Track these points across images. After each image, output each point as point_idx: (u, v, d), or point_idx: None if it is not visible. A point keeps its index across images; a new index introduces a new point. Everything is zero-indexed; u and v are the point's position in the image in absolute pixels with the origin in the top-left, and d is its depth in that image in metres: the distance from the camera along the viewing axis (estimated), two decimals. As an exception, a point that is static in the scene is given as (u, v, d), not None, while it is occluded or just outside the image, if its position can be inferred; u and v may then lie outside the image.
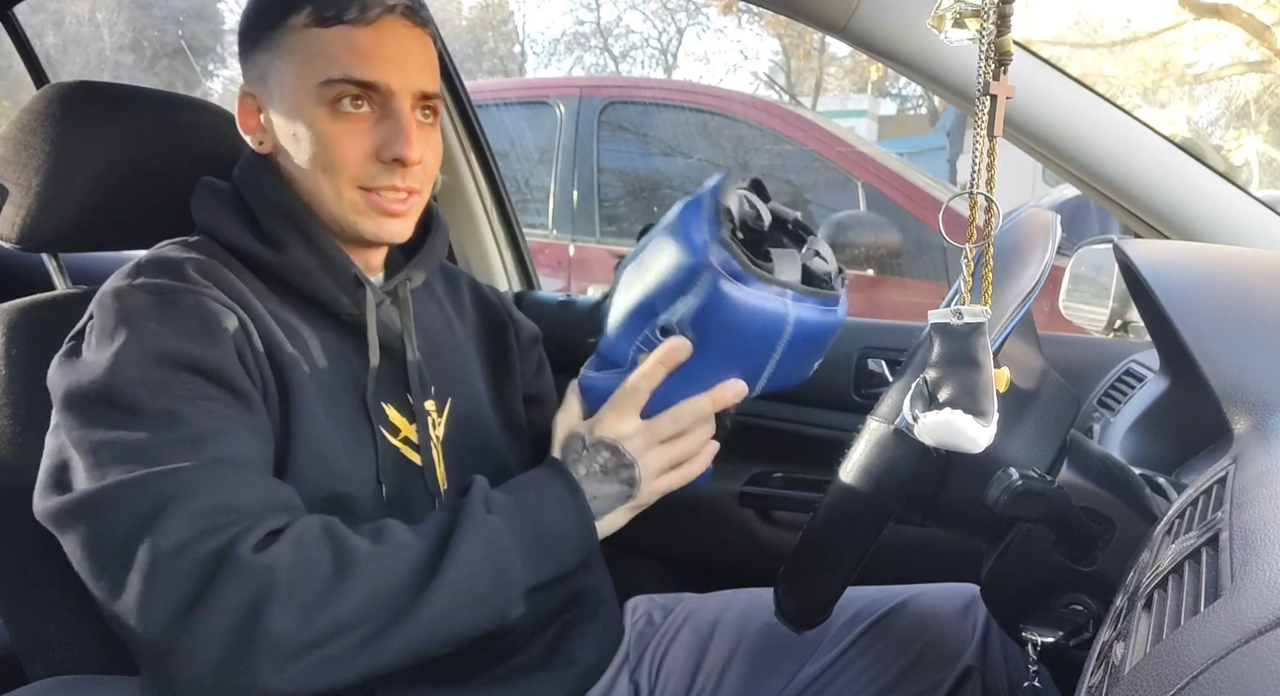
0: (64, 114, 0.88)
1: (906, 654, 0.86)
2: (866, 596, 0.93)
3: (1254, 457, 0.53)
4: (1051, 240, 0.69)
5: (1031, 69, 1.03)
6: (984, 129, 0.58)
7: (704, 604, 0.98)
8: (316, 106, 0.76)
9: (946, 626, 0.87)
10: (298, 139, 0.77)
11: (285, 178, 0.80)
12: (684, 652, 0.93)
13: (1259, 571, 0.39)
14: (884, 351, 1.33)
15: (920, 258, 2.72)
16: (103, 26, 13.58)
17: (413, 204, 0.81)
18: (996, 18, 0.57)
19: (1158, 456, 0.81)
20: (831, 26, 1.05)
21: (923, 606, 0.90)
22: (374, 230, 0.80)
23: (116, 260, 1.52)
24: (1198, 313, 0.68)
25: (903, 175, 2.86)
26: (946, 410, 0.57)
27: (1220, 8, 8.82)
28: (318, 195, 0.79)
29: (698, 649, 0.93)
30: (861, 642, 0.89)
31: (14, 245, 0.89)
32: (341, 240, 0.81)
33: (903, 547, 1.11)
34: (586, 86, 3.25)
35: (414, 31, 0.79)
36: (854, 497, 0.68)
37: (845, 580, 0.72)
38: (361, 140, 0.77)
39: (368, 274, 0.84)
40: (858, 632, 0.89)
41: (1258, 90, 10.25)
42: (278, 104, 0.78)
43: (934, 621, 0.88)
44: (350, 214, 0.79)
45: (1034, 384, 0.73)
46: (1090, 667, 0.47)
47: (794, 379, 0.77)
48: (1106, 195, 1.08)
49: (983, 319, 0.58)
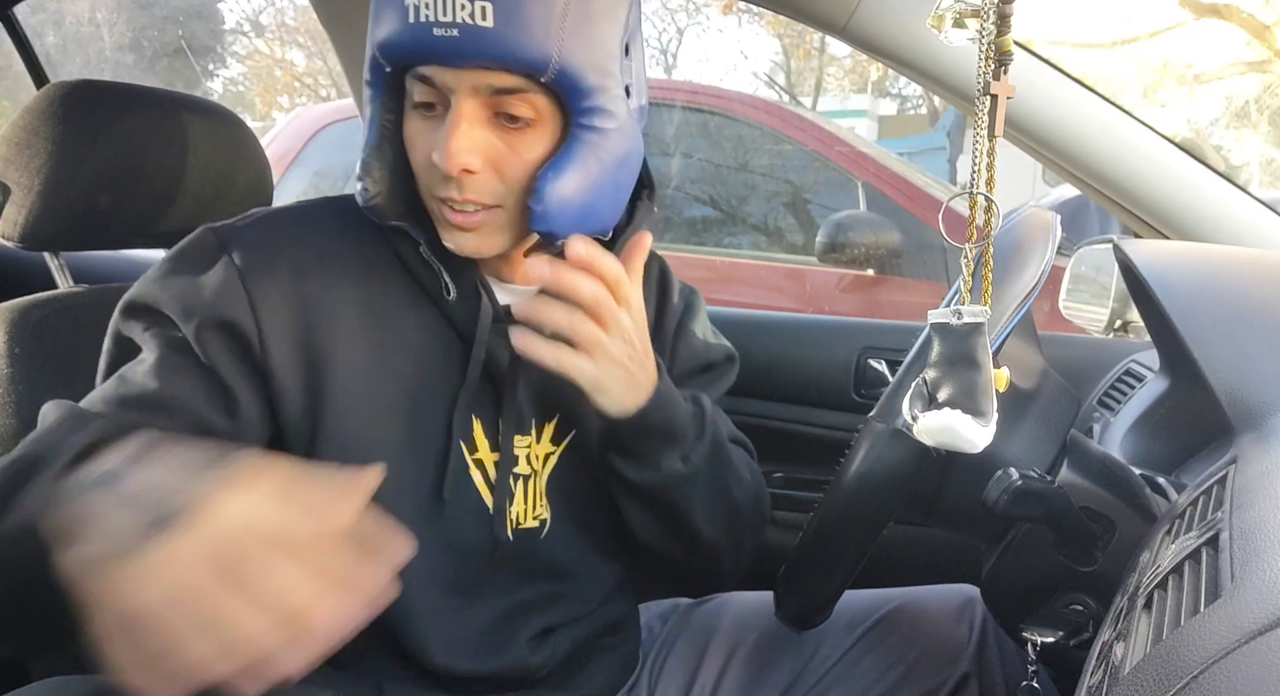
0: (66, 113, 0.88)
1: (904, 658, 0.86)
2: (864, 599, 0.92)
3: (1254, 457, 0.53)
4: (1051, 240, 0.70)
5: (1031, 69, 1.03)
6: (984, 129, 0.58)
7: (700, 609, 0.97)
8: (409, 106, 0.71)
9: (943, 629, 0.87)
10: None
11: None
12: (680, 660, 0.92)
13: (1259, 571, 0.39)
14: (884, 351, 1.33)
15: (920, 258, 2.71)
16: (103, 26, 13.57)
17: (485, 220, 0.70)
18: (996, 18, 0.57)
19: (1158, 456, 0.81)
20: (831, 26, 1.05)
21: (920, 609, 0.90)
22: (451, 243, 0.72)
23: (117, 259, 1.52)
24: (1198, 313, 0.68)
25: (903, 175, 2.86)
26: (946, 410, 0.57)
27: (1220, 8, 8.82)
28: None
29: (694, 656, 0.92)
30: (859, 647, 0.88)
31: (16, 244, 0.89)
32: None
33: (903, 547, 1.11)
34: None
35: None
36: (854, 498, 0.68)
37: (845, 580, 0.73)
38: (425, 143, 0.69)
39: (512, 280, 0.78)
40: (856, 636, 0.89)
41: (1258, 90, 10.24)
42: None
43: (931, 624, 0.88)
44: (436, 223, 0.73)
45: (1034, 384, 0.74)
46: (1090, 667, 0.47)
47: None
48: (1106, 195, 1.08)
49: (982, 319, 0.58)
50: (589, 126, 0.68)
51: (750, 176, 3.18)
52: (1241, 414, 0.59)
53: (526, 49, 0.64)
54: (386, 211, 0.73)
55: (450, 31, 0.63)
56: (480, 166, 0.68)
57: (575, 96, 0.67)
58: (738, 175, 3.23)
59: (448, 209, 0.70)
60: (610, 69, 0.68)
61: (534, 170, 0.69)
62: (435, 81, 0.67)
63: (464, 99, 0.66)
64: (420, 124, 0.70)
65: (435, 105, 0.68)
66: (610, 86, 0.68)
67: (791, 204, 3.20)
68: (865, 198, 2.82)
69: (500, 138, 0.68)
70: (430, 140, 0.68)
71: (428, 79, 0.67)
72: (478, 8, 0.63)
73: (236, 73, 16.05)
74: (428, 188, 0.71)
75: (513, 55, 0.65)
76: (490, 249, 0.72)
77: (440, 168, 0.67)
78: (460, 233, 0.71)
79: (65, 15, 13.25)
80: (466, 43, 0.64)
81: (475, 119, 0.67)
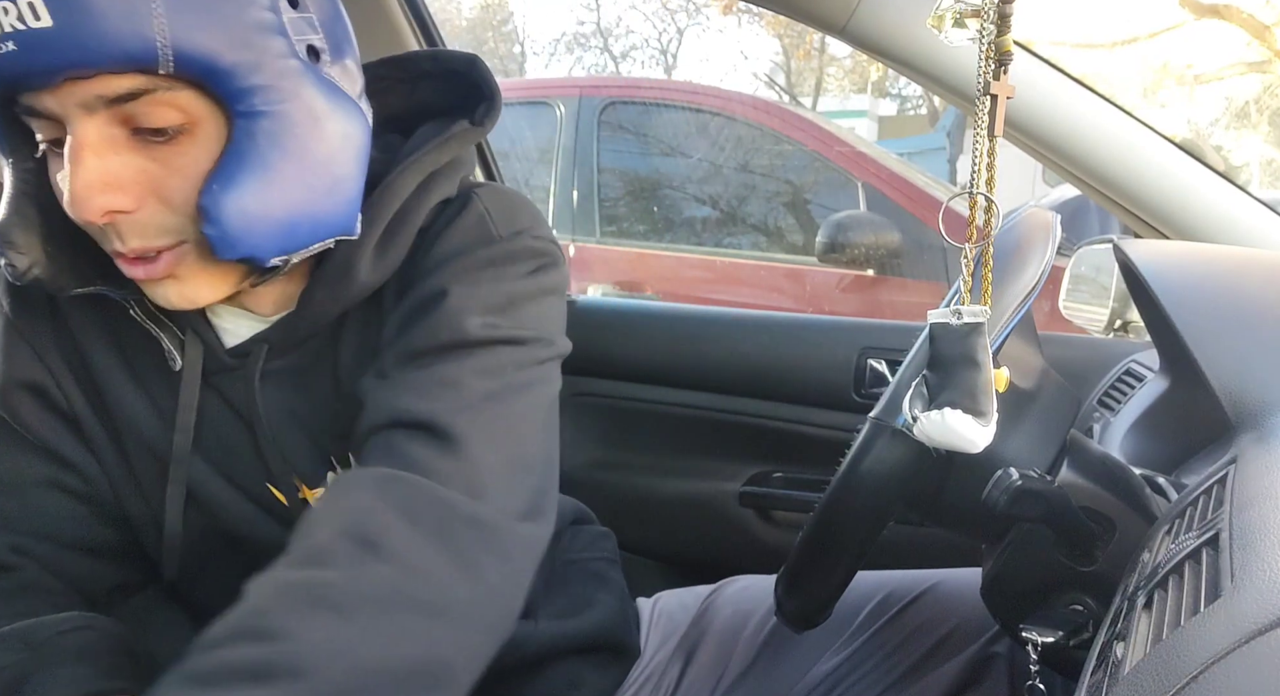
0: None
1: (932, 636, 0.87)
2: (894, 580, 0.93)
3: (1254, 457, 0.53)
4: (1051, 240, 0.70)
5: (1031, 69, 1.03)
6: (984, 129, 0.58)
7: (722, 592, 0.97)
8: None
9: (972, 609, 0.87)
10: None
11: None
12: (710, 643, 0.92)
13: (1259, 571, 0.39)
14: (884, 351, 1.33)
15: (920, 258, 2.72)
16: (103, 26, 13.54)
17: (173, 262, 0.58)
18: (996, 18, 0.57)
19: (1158, 456, 0.81)
20: (831, 26, 1.05)
21: (949, 590, 0.90)
22: (159, 300, 0.61)
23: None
24: (1198, 313, 0.68)
25: (903, 175, 2.86)
26: (946, 410, 0.57)
27: (1220, 8, 8.82)
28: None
29: (722, 638, 0.92)
30: (891, 627, 0.89)
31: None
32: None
33: (903, 547, 1.11)
34: (586, 86, 3.25)
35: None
36: (854, 497, 0.68)
37: (846, 580, 0.72)
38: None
39: (259, 310, 0.67)
40: (887, 617, 0.89)
41: (1258, 90, 10.24)
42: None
43: (960, 604, 0.88)
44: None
45: (1034, 384, 0.73)
46: (1090, 667, 0.47)
47: None
48: (1106, 195, 1.08)
49: (982, 319, 0.58)
50: (253, 113, 0.54)
51: (750, 176, 3.18)
52: (1241, 414, 0.59)
53: (113, 39, 0.50)
54: (62, 281, 0.62)
55: (6, 44, 0.49)
56: (132, 202, 0.55)
57: (217, 81, 0.53)
58: (738, 175, 3.24)
59: (124, 262, 0.58)
60: (255, 36, 0.53)
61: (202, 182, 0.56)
62: (39, 109, 0.53)
63: (78, 122, 0.53)
64: (57, 164, 0.56)
65: (63, 139, 0.54)
66: (266, 57, 0.54)
67: (791, 204, 3.20)
68: (865, 198, 2.82)
69: (149, 157, 0.55)
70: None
71: (35, 110, 0.54)
72: (24, 7, 0.49)
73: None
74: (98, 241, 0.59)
75: (98, 52, 0.50)
76: (208, 295, 0.60)
77: (75, 216, 0.54)
78: (157, 285, 0.59)
79: (65, 15, 13.23)
80: (31, 52, 0.50)
81: (105, 144, 0.53)
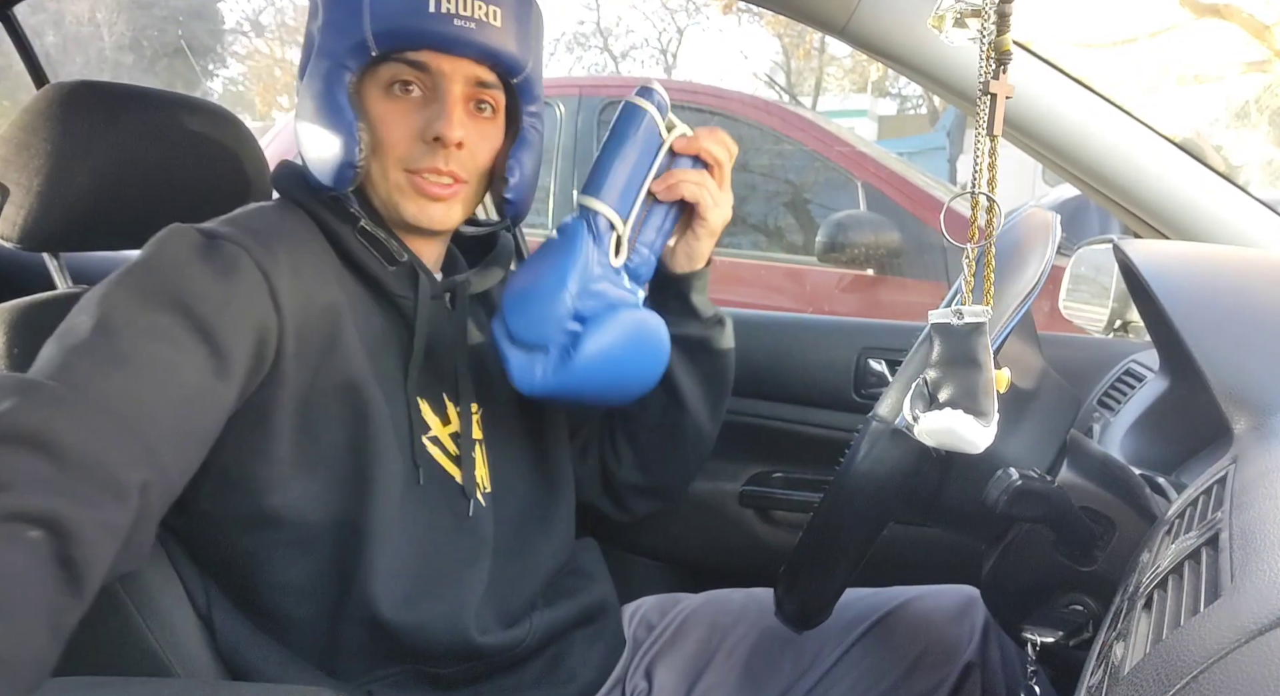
0: (65, 114, 0.88)
1: (906, 657, 0.86)
2: (864, 599, 0.93)
3: (1254, 458, 0.53)
4: (1051, 240, 0.70)
5: (1031, 69, 1.03)
6: (984, 129, 0.58)
7: (702, 605, 0.97)
8: (371, 87, 0.77)
9: (945, 628, 0.87)
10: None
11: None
12: (681, 657, 0.92)
13: (1259, 571, 0.39)
14: (884, 351, 1.33)
15: (920, 258, 2.71)
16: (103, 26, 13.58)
17: (457, 191, 0.79)
18: (996, 18, 0.57)
19: (1158, 456, 0.81)
20: (831, 26, 1.05)
21: (921, 609, 0.90)
22: (415, 213, 0.79)
23: (116, 260, 1.52)
24: (1198, 312, 0.68)
25: (903, 175, 2.86)
26: (946, 410, 0.57)
27: (1220, 8, 8.82)
28: (368, 178, 0.79)
29: (696, 652, 0.92)
30: (860, 646, 0.88)
31: (15, 245, 0.89)
32: (392, 226, 0.81)
33: (903, 547, 1.11)
34: (586, 86, 3.24)
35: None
36: (854, 498, 0.68)
37: (845, 580, 0.72)
38: (407, 120, 0.76)
39: (427, 265, 0.84)
40: (856, 636, 0.89)
41: (1258, 90, 10.24)
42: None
43: (932, 624, 0.88)
44: (394, 195, 0.79)
45: (1034, 384, 0.74)
46: (1090, 667, 0.47)
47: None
48: (1106, 195, 1.08)
49: (983, 319, 0.58)
50: (534, 126, 0.83)
51: (750, 176, 3.17)
52: (1241, 414, 0.59)
53: (516, 52, 0.78)
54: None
55: (469, 24, 0.74)
56: (464, 144, 0.77)
57: (529, 98, 0.82)
58: (738, 175, 3.20)
59: (422, 180, 0.78)
60: (542, 79, 0.83)
61: (493, 156, 0.82)
62: (430, 67, 0.76)
63: (457, 85, 0.77)
64: (395, 104, 0.77)
65: (413, 88, 0.77)
66: (541, 95, 0.83)
67: (791, 204, 3.20)
68: (865, 198, 2.82)
69: (472, 123, 0.79)
70: (414, 118, 0.77)
71: (419, 64, 0.75)
72: (491, 9, 0.75)
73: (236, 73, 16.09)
74: (402, 161, 0.78)
75: (509, 54, 0.77)
76: (450, 221, 0.81)
77: (443, 138, 0.75)
78: (431, 203, 0.79)
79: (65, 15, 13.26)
80: (479, 36, 0.75)
81: (461, 103, 0.77)
